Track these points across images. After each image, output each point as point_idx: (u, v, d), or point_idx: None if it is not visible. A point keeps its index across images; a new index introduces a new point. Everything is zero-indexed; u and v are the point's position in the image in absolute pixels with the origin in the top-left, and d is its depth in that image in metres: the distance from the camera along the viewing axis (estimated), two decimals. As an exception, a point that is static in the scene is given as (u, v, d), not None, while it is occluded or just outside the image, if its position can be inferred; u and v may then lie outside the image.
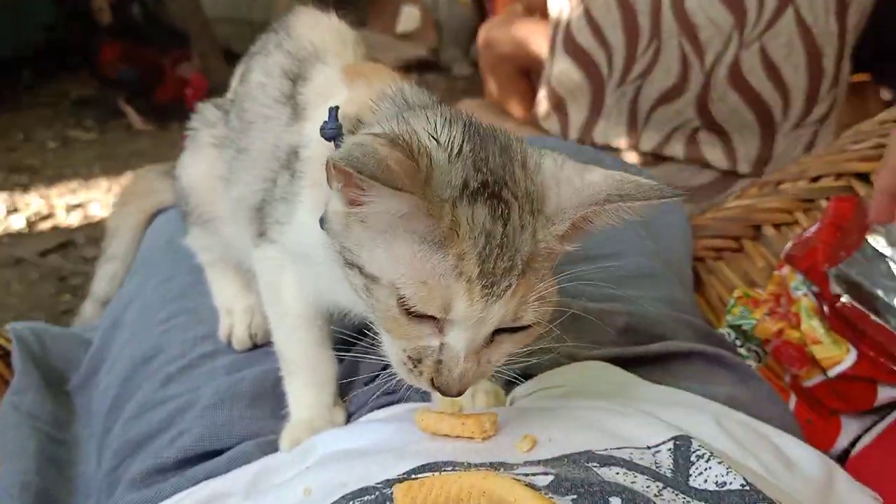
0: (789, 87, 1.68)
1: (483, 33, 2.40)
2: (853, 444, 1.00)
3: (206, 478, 0.77)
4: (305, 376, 0.82)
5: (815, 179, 1.27)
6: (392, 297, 0.59)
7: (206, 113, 0.99)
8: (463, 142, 0.60)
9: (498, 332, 0.61)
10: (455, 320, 0.59)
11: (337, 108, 0.70)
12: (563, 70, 1.86)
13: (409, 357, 0.62)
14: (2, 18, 3.18)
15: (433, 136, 0.60)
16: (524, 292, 0.59)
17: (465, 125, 0.62)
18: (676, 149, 1.77)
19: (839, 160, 1.25)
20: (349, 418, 0.83)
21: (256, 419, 0.85)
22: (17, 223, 2.91)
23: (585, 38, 1.78)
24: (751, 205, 1.33)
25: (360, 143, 0.55)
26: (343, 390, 0.85)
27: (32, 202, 2.90)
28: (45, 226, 2.93)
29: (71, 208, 2.88)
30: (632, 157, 1.81)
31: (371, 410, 0.81)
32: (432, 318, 0.59)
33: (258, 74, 0.85)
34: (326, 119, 0.69)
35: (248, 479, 0.73)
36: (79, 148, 3.15)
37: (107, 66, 3.62)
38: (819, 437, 1.00)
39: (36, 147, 3.23)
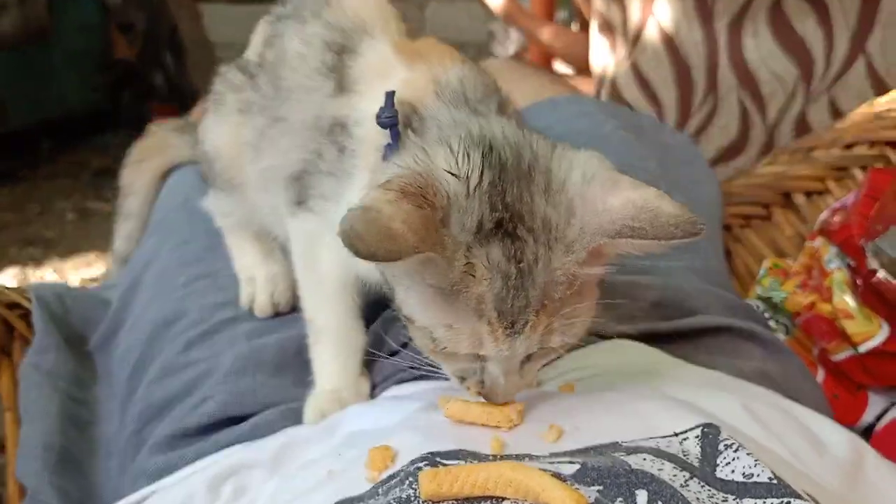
0: None
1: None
2: (878, 418, 0.99)
3: (230, 444, 0.77)
4: (335, 345, 0.81)
5: (849, 147, 1.24)
6: (427, 338, 0.61)
7: (230, 77, 0.95)
8: (482, 172, 0.58)
9: None
10: (487, 356, 0.60)
11: (393, 93, 0.67)
12: None
13: (454, 375, 0.65)
14: (26, 89, 3.06)
15: (451, 172, 0.58)
16: (546, 323, 0.58)
17: (486, 150, 0.59)
18: None
19: (874, 127, 1.22)
20: (373, 389, 0.83)
21: (280, 387, 0.84)
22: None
23: (633, 94, 1.63)
24: (781, 171, 1.30)
25: (366, 208, 0.53)
26: (367, 360, 0.84)
27: (46, 276, 2.72)
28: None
29: (86, 283, 2.69)
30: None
31: (396, 384, 0.80)
32: None
33: (296, 43, 0.82)
34: (382, 105, 0.67)
35: (274, 451, 0.72)
36: (97, 220, 2.98)
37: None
38: (845, 412, 0.99)
39: (53, 219, 3.08)
